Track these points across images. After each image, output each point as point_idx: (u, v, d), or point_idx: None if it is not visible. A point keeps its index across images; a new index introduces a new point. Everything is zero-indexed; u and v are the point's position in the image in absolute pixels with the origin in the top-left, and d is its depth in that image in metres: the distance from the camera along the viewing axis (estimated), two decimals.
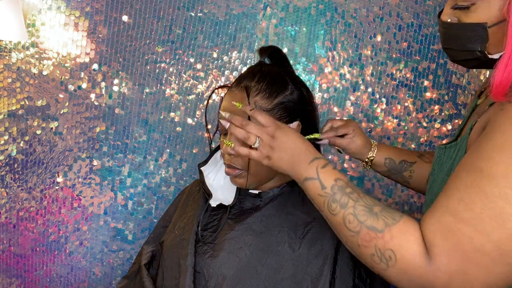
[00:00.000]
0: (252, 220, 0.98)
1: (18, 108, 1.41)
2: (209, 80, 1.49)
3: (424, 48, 1.55)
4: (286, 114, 0.96)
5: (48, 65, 1.41)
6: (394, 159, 1.05)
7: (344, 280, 0.91)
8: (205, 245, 0.98)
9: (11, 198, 1.44)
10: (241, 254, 0.94)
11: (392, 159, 1.05)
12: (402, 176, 1.05)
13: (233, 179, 1.00)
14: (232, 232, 0.97)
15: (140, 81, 1.46)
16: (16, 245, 1.46)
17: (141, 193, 1.52)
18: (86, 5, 1.40)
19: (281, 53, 1.04)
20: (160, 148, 1.50)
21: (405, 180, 1.05)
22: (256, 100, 0.94)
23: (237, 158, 0.96)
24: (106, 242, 1.51)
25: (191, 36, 1.47)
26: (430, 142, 1.60)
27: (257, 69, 0.99)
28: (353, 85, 1.54)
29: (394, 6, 1.51)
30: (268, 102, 0.95)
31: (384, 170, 1.07)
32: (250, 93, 0.94)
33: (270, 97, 0.95)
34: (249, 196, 1.03)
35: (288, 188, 1.02)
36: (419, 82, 1.57)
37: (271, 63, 1.04)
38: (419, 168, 1.04)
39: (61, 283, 1.51)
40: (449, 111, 1.60)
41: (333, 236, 0.94)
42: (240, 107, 0.88)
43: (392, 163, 1.05)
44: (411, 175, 1.04)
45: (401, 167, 1.04)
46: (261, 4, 1.47)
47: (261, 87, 0.95)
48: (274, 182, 1.02)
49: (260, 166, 0.97)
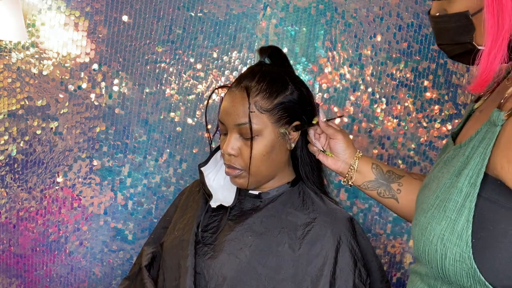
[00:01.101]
0: (252, 221, 0.98)
1: (18, 108, 1.41)
2: (209, 80, 1.49)
3: (424, 48, 1.55)
4: (286, 114, 0.96)
5: (48, 65, 1.41)
6: (382, 167, 0.97)
7: (344, 281, 0.91)
8: (205, 246, 0.98)
9: (11, 198, 1.44)
10: (241, 255, 0.94)
11: (380, 167, 0.97)
12: (390, 189, 0.95)
13: (233, 179, 1.00)
14: (232, 233, 0.97)
15: (140, 81, 1.46)
16: (16, 245, 1.46)
17: (141, 193, 1.52)
18: (86, 5, 1.40)
19: (281, 53, 1.04)
20: (160, 148, 1.50)
21: (393, 195, 0.95)
22: (256, 100, 0.94)
23: (237, 158, 0.96)
24: (106, 242, 1.51)
25: (191, 36, 1.47)
26: (430, 142, 1.60)
27: (257, 69, 0.98)
28: (353, 85, 1.54)
29: (394, 6, 1.51)
30: (268, 102, 0.95)
31: (370, 181, 0.97)
32: (250, 93, 0.94)
33: (271, 97, 0.95)
34: (249, 196, 1.03)
35: (288, 189, 1.02)
36: (419, 82, 1.57)
37: (271, 63, 1.04)
38: (408, 184, 0.95)
39: (61, 283, 1.51)
40: (449, 111, 1.60)
41: (333, 237, 0.94)
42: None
43: (379, 171, 0.97)
44: (399, 189, 0.95)
45: (388, 177, 0.96)
46: (261, 4, 1.47)
47: (261, 87, 0.95)
48: (274, 183, 1.02)
49: (260, 166, 0.97)
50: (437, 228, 0.65)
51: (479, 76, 0.62)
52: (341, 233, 0.95)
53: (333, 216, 0.97)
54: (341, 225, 0.96)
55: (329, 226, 0.95)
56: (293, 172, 1.05)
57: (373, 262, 1.01)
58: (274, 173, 1.01)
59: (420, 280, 0.73)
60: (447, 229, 0.64)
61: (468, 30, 0.65)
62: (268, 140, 0.95)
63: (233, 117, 0.95)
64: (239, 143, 0.96)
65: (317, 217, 0.96)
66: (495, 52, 0.61)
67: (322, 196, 1.03)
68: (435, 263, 0.66)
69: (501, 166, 0.60)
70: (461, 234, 0.62)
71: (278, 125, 0.96)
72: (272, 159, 0.97)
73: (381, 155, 1.58)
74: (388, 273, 1.62)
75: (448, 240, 0.63)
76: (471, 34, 0.65)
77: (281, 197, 1.01)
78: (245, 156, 0.95)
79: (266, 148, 0.95)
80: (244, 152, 0.95)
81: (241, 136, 0.95)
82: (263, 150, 0.95)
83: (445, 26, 0.68)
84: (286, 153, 1.00)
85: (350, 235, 0.96)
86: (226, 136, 0.98)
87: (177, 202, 1.17)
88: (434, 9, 0.70)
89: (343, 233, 0.95)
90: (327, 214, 0.97)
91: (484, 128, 0.65)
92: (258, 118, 0.94)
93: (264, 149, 0.95)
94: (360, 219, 1.58)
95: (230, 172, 0.98)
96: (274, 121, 0.95)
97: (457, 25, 0.66)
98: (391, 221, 1.61)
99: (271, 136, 0.95)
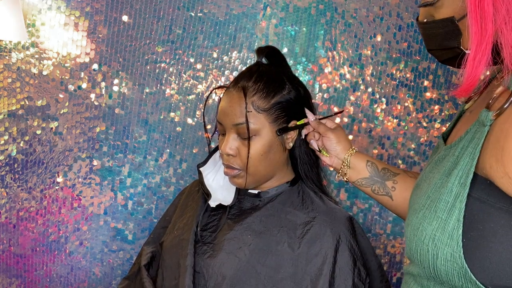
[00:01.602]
0: (252, 220, 0.98)
1: (18, 108, 1.41)
2: (209, 80, 1.50)
3: (424, 48, 1.55)
4: (283, 114, 0.97)
5: (48, 65, 1.41)
6: (377, 164, 0.97)
7: (344, 280, 0.91)
8: (204, 245, 0.98)
9: (11, 198, 1.44)
10: (241, 254, 0.94)
11: (375, 164, 0.97)
12: (384, 186, 0.95)
13: (231, 179, 1.00)
14: (231, 232, 0.97)
15: (140, 81, 1.46)
16: (16, 245, 1.46)
17: (141, 193, 1.52)
18: (86, 5, 1.40)
19: (278, 53, 1.04)
20: (160, 148, 1.50)
21: (387, 193, 0.95)
22: (253, 100, 0.94)
23: (235, 158, 0.96)
24: (106, 242, 1.51)
25: (191, 36, 1.47)
26: (430, 142, 1.59)
27: (254, 69, 0.99)
28: (353, 85, 1.54)
29: (394, 6, 1.51)
30: (265, 102, 0.95)
31: (364, 178, 0.96)
32: (247, 93, 0.94)
33: (268, 97, 0.95)
34: (248, 196, 1.03)
35: (288, 188, 1.03)
36: (419, 82, 1.57)
37: (269, 63, 1.04)
38: (402, 182, 0.94)
39: (61, 283, 1.51)
40: (449, 111, 1.60)
41: (332, 236, 0.94)
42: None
43: (374, 168, 0.96)
44: (394, 187, 0.94)
45: (383, 174, 0.95)
46: (261, 4, 1.47)
47: (258, 87, 0.95)
48: (273, 182, 1.02)
49: (258, 166, 0.97)
50: (428, 228, 0.65)
51: (465, 80, 0.63)
52: (341, 232, 0.95)
53: (333, 215, 0.97)
54: (341, 224, 0.96)
55: (328, 225, 0.95)
56: (292, 172, 1.05)
57: (372, 261, 1.00)
58: (273, 173, 1.01)
59: (413, 281, 0.73)
60: (438, 229, 0.64)
61: (455, 35, 0.65)
62: (265, 139, 0.95)
63: (231, 117, 0.95)
64: (237, 143, 0.96)
65: (317, 216, 0.96)
66: (479, 57, 0.62)
67: (321, 195, 1.03)
68: (427, 263, 0.66)
69: (490, 165, 0.61)
70: (452, 234, 0.62)
71: (275, 124, 0.96)
72: (270, 158, 0.97)
73: (381, 155, 1.58)
74: (388, 273, 1.62)
75: (439, 240, 0.63)
76: (459, 39, 0.65)
77: (280, 196, 1.01)
78: (243, 156, 0.95)
79: (264, 147, 0.95)
80: (242, 152, 0.95)
81: (239, 136, 0.96)
82: (260, 150, 0.95)
83: (433, 32, 0.69)
84: (284, 153, 1.00)
85: (349, 234, 0.96)
86: (224, 136, 0.98)
87: (176, 202, 1.17)
88: (422, 15, 0.71)
89: (342, 232, 0.95)
90: (326, 214, 0.97)
91: (473, 128, 0.66)
92: (256, 118, 0.94)
93: (261, 148, 0.95)
94: (360, 219, 1.58)
95: (229, 172, 0.98)
96: (271, 120, 0.95)
97: (445, 31, 0.66)
98: (391, 221, 1.61)
99: (268, 136, 0.95)
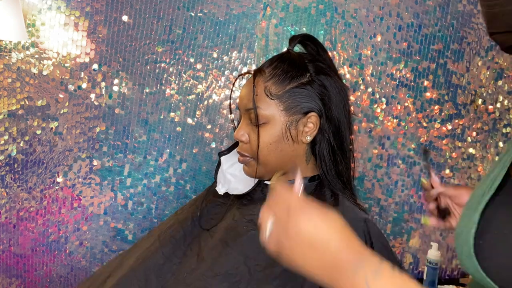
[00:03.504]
0: (256, 212, 0.98)
1: (18, 108, 1.41)
2: (209, 80, 1.49)
3: (424, 48, 1.55)
4: (295, 103, 0.90)
5: (48, 65, 1.41)
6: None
7: None
8: (204, 231, 0.99)
9: (11, 198, 1.44)
10: (234, 244, 0.93)
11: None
12: None
13: (243, 168, 0.97)
14: (231, 222, 0.96)
15: (140, 81, 1.46)
16: (16, 245, 1.46)
17: (141, 193, 1.52)
18: (86, 5, 1.40)
19: (313, 41, 0.98)
20: (160, 148, 1.50)
21: None
22: (267, 85, 0.90)
23: (246, 145, 0.94)
24: (106, 242, 1.51)
25: (191, 36, 1.47)
26: (430, 142, 1.60)
27: (280, 55, 0.94)
28: (353, 85, 1.54)
29: (394, 6, 1.51)
30: (279, 88, 0.90)
31: None
32: (263, 77, 0.91)
33: (283, 83, 0.90)
34: (263, 187, 1.00)
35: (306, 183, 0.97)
36: (419, 82, 1.57)
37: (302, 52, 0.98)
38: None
39: (61, 283, 1.51)
40: (449, 111, 1.60)
41: None
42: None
43: None
44: None
45: None
46: (261, 4, 1.47)
47: (276, 72, 0.91)
48: (289, 176, 0.96)
49: (267, 156, 0.92)
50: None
51: None
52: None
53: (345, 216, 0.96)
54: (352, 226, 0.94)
55: None
56: (315, 168, 0.97)
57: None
58: (286, 165, 0.94)
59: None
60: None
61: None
62: (276, 129, 0.90)
63: (244, 102, 0.92)
64: (248, 129, 0.93)
65: None
66: None
67: (340, 195, 0.95)
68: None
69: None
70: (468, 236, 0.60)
71: (288, 113, 0.90)
72: (281, 149, 0.92)
73: (381, 155, 1.58)
74: None
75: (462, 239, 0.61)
76: None
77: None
78: (253, 144, 0.92)
79: (273, 137, 0.91)
80: (252, 139, 0.92)
81: (251, 122, 0.92)
82: (269, 139, 0.90)
83: (501, 10, 0.56)
84: (301, 146, 0.93)
85: (362, 236, 0.93)
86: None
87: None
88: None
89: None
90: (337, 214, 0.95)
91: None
92: (266, 104, 0.90)
93: (270, 137, 0.90)
94: None
95: (240, 160, 0.96)
96: (283, 108, 0.90)
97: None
98: (391, 221, 1.61)
99: (279, 125, 0.90)
